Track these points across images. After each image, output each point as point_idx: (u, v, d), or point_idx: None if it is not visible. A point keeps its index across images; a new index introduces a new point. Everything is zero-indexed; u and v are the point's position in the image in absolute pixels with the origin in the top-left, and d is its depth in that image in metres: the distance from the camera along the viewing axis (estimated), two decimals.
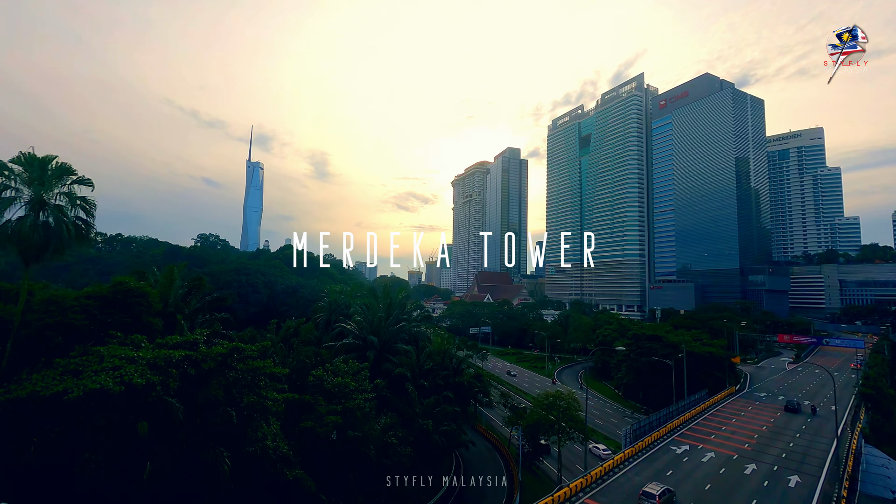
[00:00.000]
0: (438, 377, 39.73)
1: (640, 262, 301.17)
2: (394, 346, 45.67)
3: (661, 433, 47.39)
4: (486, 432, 59.95)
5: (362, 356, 45.05)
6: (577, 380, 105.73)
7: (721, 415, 57.48)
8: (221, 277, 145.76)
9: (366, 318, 50.02)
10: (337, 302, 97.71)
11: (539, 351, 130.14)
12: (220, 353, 21.87)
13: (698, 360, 70.51)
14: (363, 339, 46.56)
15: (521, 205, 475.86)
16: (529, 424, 43.86)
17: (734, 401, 65.33)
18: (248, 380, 23.11)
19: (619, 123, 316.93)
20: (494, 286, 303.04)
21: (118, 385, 17.16)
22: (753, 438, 48.27)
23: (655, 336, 76.72)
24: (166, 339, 22.75)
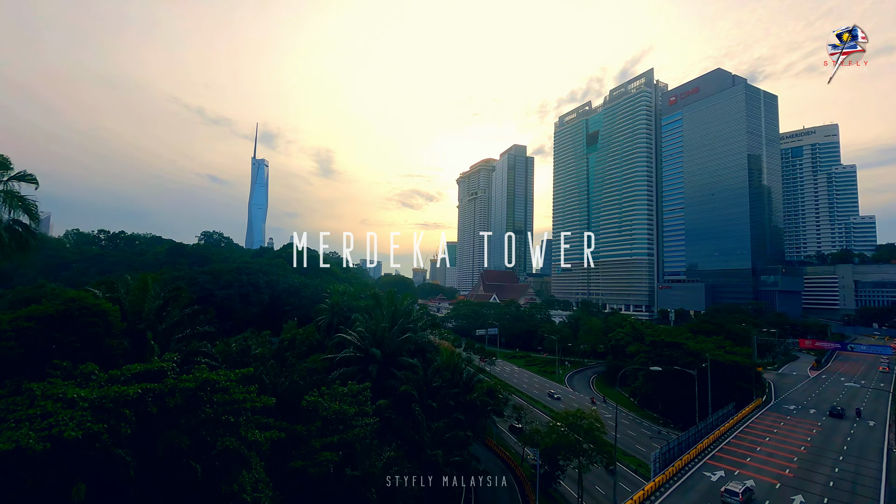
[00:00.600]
0: (448, 396, 35.78)
1: (649, 261, 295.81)
2: (398, 359, 41.68)
3: (691, 455, 43.17)
4: (497, 448, 55.96)
5: (363, 369, 41.11)
6: (589, 386, 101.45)
7: (753, 432, 53.11)
8: (222, 277, 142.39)
9: (368, 327, 45.97)
10: (339, 304, 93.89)
11: (548, 354, 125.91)
12: (188, 388, 17.88)
13: (722, 369, 66.05)
14: (365, 350, 42.57)
15: (528, 203, 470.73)
16: (548, 447, 39.69)
17: (763, 415, 60.89)
18: (225, 418, 19.08)
19: (627, 120, 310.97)
20: (500, 285, 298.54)
21: (41, 442, 13.21)
22: (794, 461, 43.92)
23: (675, 343, 72.25)
24: (123, 370, 18.68)
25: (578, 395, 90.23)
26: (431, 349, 47.41)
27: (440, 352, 50.16)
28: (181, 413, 18.25)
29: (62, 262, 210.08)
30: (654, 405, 76.41)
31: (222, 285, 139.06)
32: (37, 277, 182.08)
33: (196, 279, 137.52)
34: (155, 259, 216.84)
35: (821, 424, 57.34)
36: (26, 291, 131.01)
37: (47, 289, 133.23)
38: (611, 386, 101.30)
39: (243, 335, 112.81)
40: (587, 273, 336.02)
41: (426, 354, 47.49)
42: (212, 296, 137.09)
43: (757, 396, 68.20)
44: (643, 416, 75.64)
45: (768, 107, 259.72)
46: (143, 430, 16.99)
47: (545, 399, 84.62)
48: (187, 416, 18.24)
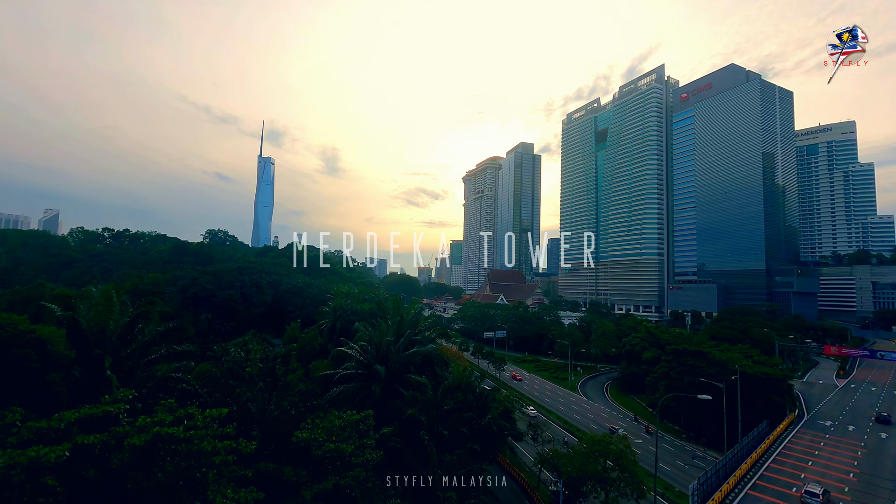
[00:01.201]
0: (461, 421, 31.70)
1: (659, 261, 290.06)
2: (405, 376, 37.57)
3: (730, 484, 38.79)
4: (510, 468, 51.69)
5: (366, 387, 37.06)
6: (604, 393, 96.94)
7: (792, 454, 48.58)
8: (224, 277, 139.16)
9: (371, 340, 41.84)
10: (342, 307, 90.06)
11: (559, 358, 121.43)
12: (134, 445, 13.86)
13: (752, 381, 61.41)
14: (367, 366, 38.50)
15: (535, 201, 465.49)
16: (572, 476, 35.39)
17: (800, 433, 56.19)
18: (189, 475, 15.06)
19: (637, 117, 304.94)
20: (507, 285, 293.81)
21: None
22: (844, 491, 39.44)
23: (699, 353, 67.58)
24: (53, 420, 14.59)
25: (593, 404, 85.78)
26: (441, 362, 43.31)
27: (450, 366, 45.95)
28: (131, 473, 14.25)
29: (66, 260, 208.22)
30: (677, 418, 71.84)
31: (224, 285, 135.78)
32: (38, 276, 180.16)
33: (197, 279, 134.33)
34: (158, 258, 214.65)
35: (864, 444, 52.58)
36: (24, 292, 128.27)
37: (46, 289, 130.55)
38: (625, 393, 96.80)
39: (243, 338, 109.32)
40: (595, 273, 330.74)
41: (435, 368, 43.34)
42: (213, 296, 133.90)
43: (789, 411, 63.46)
44: (664, 430, 71.03)
45: (783, 103, 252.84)
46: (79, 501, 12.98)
47: (558, 408, 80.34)
48: (138, 478, 14.23)
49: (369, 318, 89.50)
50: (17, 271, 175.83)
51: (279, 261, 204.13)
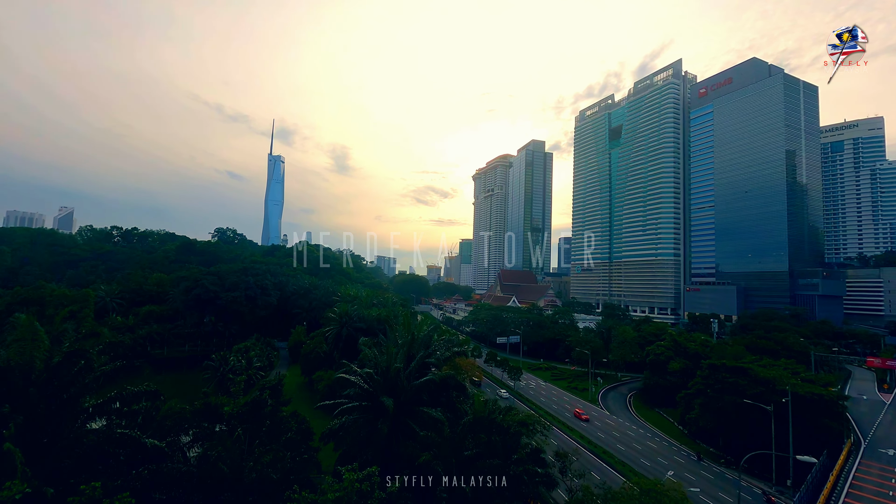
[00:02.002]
0: (486, 468, 26.11)
1: (675, 261, 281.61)
2: (417, 409, 32.06)
3: None
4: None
5: (371, 421, 31.61)
6: (627, 406, 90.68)
7: (863, 495, 42.11)
8: (228, 278, 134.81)
9: (378, 365, 36.27)
10: (349, 314, 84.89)
11: (576, 366, 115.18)
12: None
13: (802, 403, 54.88)
14: (373, 396, 32.99)
15: (546, 200, 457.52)
16: None
17: (863, 465, 49.46)
18: None
19: (653, 113, 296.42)
20: (518, 285, 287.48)
21: None
22: None
23: (740, 369, 61.07)
24: None
25: (617, 419, 79.61)
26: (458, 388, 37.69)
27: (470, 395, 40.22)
28: None
29: (72, 259, 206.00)
30: (713, 439, 65.40)
31: (228, 287, 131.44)
32: (44, 276, 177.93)
33: (201, 281, 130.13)
34: (164, 257, 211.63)
35: None
36: (24, 293, 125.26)
37: (46, 290, 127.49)
38: (650, 406, 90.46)
39: (246, 343, 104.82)
40: (608, 274, 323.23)
41: (452, 394, 37.67)
42: (217, 298, 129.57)
43: (846, 437, 56.71)
44: (695, 449, 64.58)
45: (808, 98, 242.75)
46: None
47: (580, 425, 74.32)
48: None
49: (377, 325, 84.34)
50: (23, 270, 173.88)
51: (286, 261, 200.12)
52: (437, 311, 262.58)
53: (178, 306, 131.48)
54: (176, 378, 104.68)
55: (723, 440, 62.88)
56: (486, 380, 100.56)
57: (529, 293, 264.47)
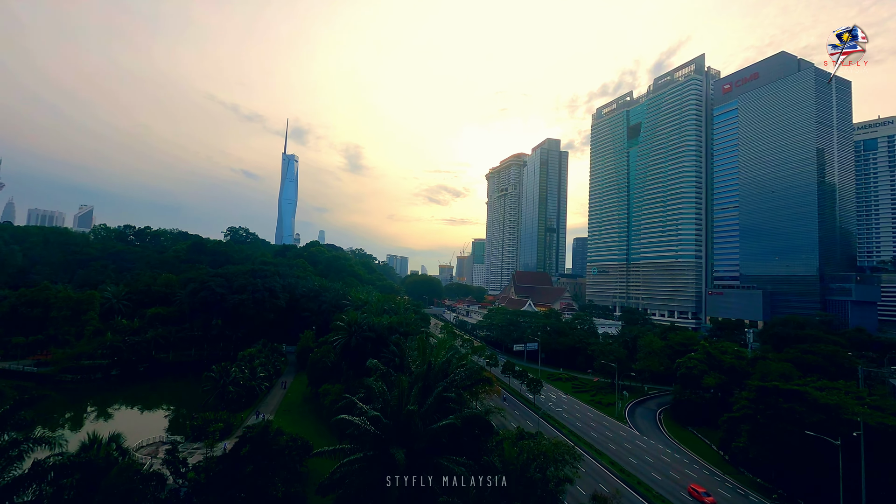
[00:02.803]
0: None
1: (697, 264, 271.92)
2: (434, 460, 26.38)
3: None
4: None
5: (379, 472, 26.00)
6: (657, 423, 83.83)
7: None
8: (236, 280, 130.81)
9: (387, 404, 30.57)
10: (358, 322, 79.42)
11: (600, 377, 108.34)
12: None
13: (873, 434, 47.76)
14: (382, 444, 27.32)
15: (561, 199, 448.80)
16: None
17: None
18: None
19: (674, 110, 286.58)
20: (533, 287, 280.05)
21: None
22: None
23: (795, 392, 54.07)
24: None
25: (648, 440, 72.97)
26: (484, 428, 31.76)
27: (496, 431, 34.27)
28: None
29: (84, 258, 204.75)
30: (761, 469, 58.42)
31: (236, 289, 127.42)
32: (54, 275, 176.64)
33: (207, 283, 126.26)
34: (175, 257, 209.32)
35: None
36: (29, 294, 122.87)
37: (51, 291, 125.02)
38: (682, 424, 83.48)
39: (250, 351, 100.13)
40: (626, 275, 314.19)
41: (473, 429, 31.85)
42: (223, 301, 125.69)
43: None
44: (745, 484, 57.84)
45: (840, 93, 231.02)
46: None
47: (608, 447, 67.98)
48: None
49: (387, 334, 78.91)
50: (34, 270, 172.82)
51: (296, 261, 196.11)
52: (450, 314, 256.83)
53: (185, 309, 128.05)
54: (178, 385, 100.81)
55: (774, 472, 55.96)
56: (504, 391, 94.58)
57: (545, 296, 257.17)
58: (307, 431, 64.32)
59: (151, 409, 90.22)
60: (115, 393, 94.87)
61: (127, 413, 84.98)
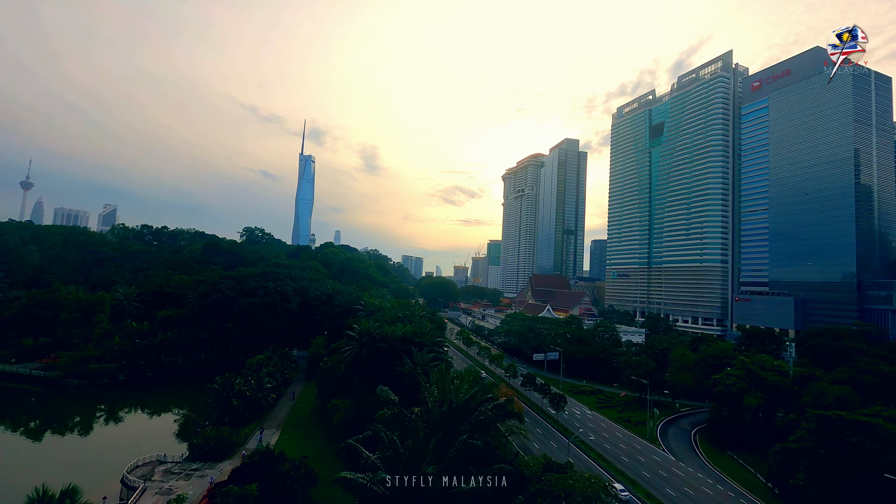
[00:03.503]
0: None
1: (723, 268, 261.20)
2: None
3: None
4: None
5: None
6: (693, 446, 76.96)
7: None
8: (247, 283, 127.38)
9: (400, 460, 25.30)
10: (370, 331, 74.51)
11: (626, 391, 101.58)
12: None
13: None
14: None
15: (579, 201, 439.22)
16: None
17: None
18: None
19: (700, 109, 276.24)
20: (550, 291, 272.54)
21: None
22: None
23: (865, 424, 47.21)
24: None
25: (685, 467, 66.39)
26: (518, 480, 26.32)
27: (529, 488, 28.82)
28: None
29: (101, 257, 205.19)
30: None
31: (247, 292, 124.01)
32: (71, 275, 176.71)
33: (218, 285, 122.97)
34: (190, 257, 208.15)
35: None
36: (40, 295, 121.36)
37: (62, 293, 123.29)
38: (721, 448, 76.54)
39: (260, 357, 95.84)
40: (647, 279, 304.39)
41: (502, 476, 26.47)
42: (234, 304, 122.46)
43: None
44: None
45: (880, 90, 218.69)
46: None
47: (641, 474, 61.73)
48: None
49: (401, 345, 73.94)
50: (50, 269, 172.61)
51: (309, 263, 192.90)
52: (466, 318, 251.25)
53: (195, 312, 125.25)
54: (186, 392, 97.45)
55: None
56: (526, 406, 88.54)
57: (563, 300, 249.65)
58: (314, 450, 59.77)
59: (157, 415, 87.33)
60: (121, 399, 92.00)
61: (131, 421, 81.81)
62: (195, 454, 56.50)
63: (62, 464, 59.66)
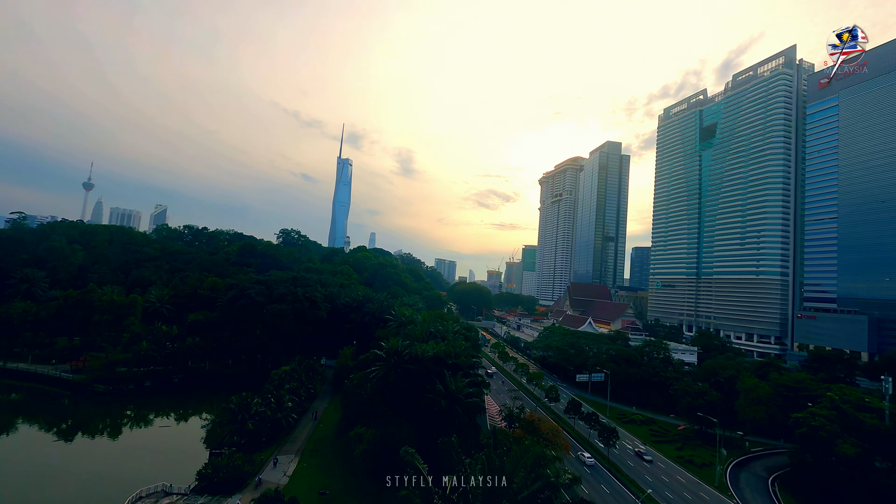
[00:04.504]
0: None
1: (782, 281, 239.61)
2: None
3: None
4: None
5: None
6: (773, 498, 65.26)
7: None
8: (276, 288, 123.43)
9: None
10: (398, 350, 67.47)
11: (684, 423, 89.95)
12: None
13: None
14: None
15: (621, 206, 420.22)
16: None
17: None
18: None
19: (758, 109, 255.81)
20: (590, 301, 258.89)
21: None
22: None
23: None
24: None
25: None
26: None
27: None
28: None
29: (142, 257, 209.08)
30: None
31: (275, 298, 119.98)
32: (112, 274, 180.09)
33: (247, 290, 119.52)
34: (225, 259, 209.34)
35: None
36: (76, 296, 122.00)
37: (96, 294, 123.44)
38: (805, 502, 64.49)
39: (285, 368, 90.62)
40: (695, 291, 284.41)
41: None
42: (263, 310, 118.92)
43: None
44: None
45: None
46: None
47: None
48: None
49: (433, 367, 66.45)
50: (93, 268, 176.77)
51: (341, 268, 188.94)
52: (500, 327, 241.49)
53: (225, 316, 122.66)
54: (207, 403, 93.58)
55: None
56: (569, 436, 78.99)
57: (604, 311, 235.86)
58: (333, 485, 53.15)
59: (185, 420, 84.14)
60: (144, 408, 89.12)
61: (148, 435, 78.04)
62: (203, 485, 51.02)
63: (69, 483, 55.72)
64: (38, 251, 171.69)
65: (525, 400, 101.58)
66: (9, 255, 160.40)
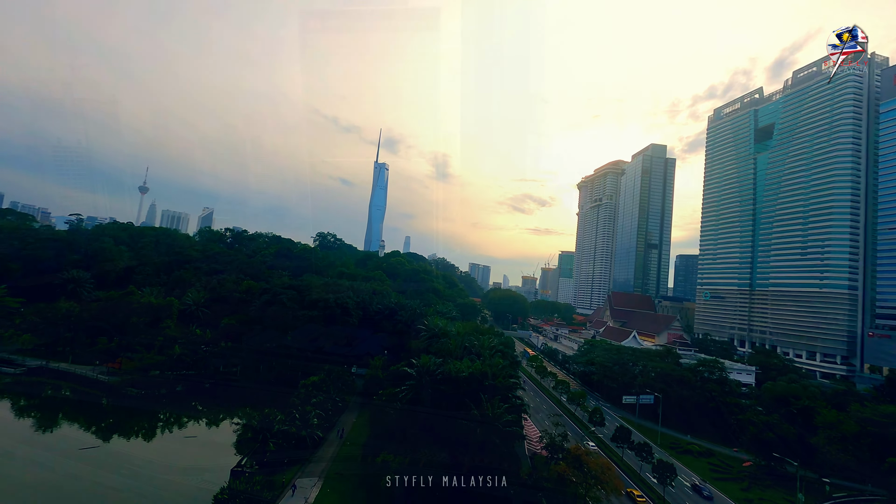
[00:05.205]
0: None
1: (850, 295, 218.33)
2: None
3: None
4: None
5: None
6: None
7: None
8: (308, 294, 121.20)
9: None
10: (430, 368, 62.32)
11: (750, 458, 79.81)
12: None
13: None
14: None
15: (665, 212, 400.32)
16: None
17: None
18: None
19: (822, 107, 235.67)
20: (632, 312, 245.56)
21: None
22: None
23: None
24: None
25: None
26: None
27: None
28: None
29: (183, 260, 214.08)
30: None
31: (306, 304, 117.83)
32: (156, 276, 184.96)
33: (279, 296, 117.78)
34: (262, 262, 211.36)
35: None
36: (116, 297, 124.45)
37: (135, 297, 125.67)
38: None
39: (312, 380, 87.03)
40: (748, 304, 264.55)
41: None
42: (294, 315, 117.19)
43: None
44: None
45: None
46: None
47: None
48: None
49: (467, 387, 60.78)
50: (138, 269, 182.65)
51: (374, 273, 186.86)
52: (537, 337, 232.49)
53: (257, 321, 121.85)
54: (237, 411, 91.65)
55: None
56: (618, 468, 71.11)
57: (648, 323, 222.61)
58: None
59: (215, 425, 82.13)
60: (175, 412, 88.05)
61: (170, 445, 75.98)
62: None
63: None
64: (88, 252, 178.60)
65: (567, 423, 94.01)
66: (62, 256, 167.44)
